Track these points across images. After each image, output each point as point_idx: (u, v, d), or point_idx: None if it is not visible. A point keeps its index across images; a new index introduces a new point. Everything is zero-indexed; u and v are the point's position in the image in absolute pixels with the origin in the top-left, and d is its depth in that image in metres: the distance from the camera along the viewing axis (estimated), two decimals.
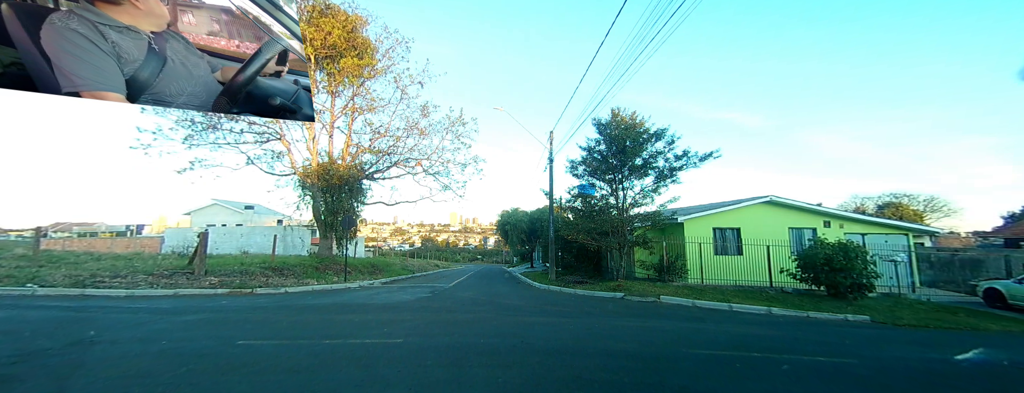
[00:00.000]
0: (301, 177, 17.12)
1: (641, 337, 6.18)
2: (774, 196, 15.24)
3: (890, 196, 36.26)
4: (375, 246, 64.52)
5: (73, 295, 8.73)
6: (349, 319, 7.06)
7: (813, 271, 11.29)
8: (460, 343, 5.27)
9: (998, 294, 11.71)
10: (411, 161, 19.09)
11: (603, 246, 14.18)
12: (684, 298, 10.47)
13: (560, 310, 8.82)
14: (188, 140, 15.29)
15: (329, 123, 17.52)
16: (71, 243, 31.19)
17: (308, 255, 22.13)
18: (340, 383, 3.62)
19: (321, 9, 15.82)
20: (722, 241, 15.07)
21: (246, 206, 43.37)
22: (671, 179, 13.51)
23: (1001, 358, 5.91)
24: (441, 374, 3.93)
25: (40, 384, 3.50)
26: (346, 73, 16.23)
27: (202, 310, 7.51)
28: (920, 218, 31.76)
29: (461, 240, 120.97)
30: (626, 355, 4.94)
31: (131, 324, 6.01)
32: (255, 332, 5.82)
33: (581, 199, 15.14)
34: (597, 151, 14.41)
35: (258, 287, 10.91)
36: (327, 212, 17.20)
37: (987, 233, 33.78)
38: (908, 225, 16.24)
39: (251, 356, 4.45)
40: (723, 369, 4.52)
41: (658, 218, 13.56)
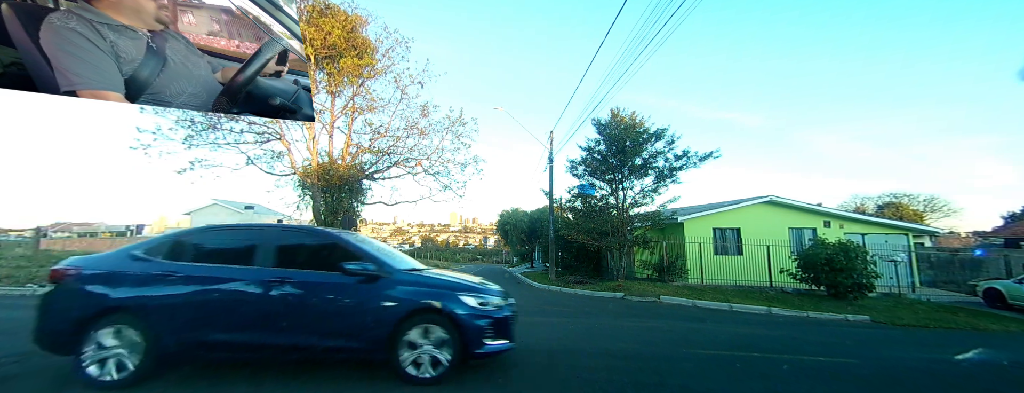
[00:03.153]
0: (301, 177, 17.11)
1: (641, 337, 6.18)
2: (774, 196, 15.24)
3: (890, 196, 36.25)
4: None
5: None
6: None
7: (813, 271, 11.29)
8: None
9: (998, 294, 11.71)
10: (411, 161, 19.07)
11: (603, 246, 14.18)
12: (684, 298, 10.47)
13: (560, 310, 8.82)
14: (188, 140, 15.28)
15: (329, 123, 17.51)
16: (71, 243, 31.19)
17: None
18: (340, 382, 3.62)
19: (321, 9, 15.81)
20: (722, 241, 15.07)
21: (246, 206, 43.36)
22: (671, 179, 13.51)
23: (1001, 358, 5.91)
24: None
25: (40, 384, 3.50)
26: (346, 73, 16.22)
27: None
28: (920, 218, 31.74)
29: (461, 240, 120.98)
30: (626, 355, 4.94)
31: None
32: None
33: (581, 199, 15.13)
34: (597, 151, 14.40)
35: None
36: (327, 212, 17.19)
37: (987, 233, 33.76)
38: (908, 225, 16.24)
39: None
40: (723, 369, 4.52)
41: (658, 218, 13.55)
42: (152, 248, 3.84)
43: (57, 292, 3.60)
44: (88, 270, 3.65)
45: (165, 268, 3.66)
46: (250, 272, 3.67)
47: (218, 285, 3.61)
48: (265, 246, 3.85)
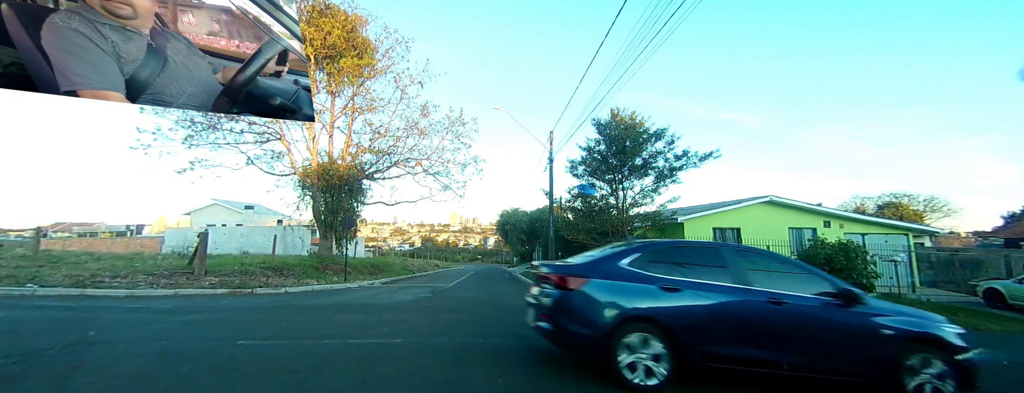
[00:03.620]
0: (301, 177, 17.12)
1: None
2: (774, 196, 15.24)
3: (890, 196, 36.25)
4: (375, 246, 64.54)
5: (73, 295, 8.72)
6: (349, 319, 7.05)
7: None
8: (461, 343, 5.28)
9: (998, 294, 11.72)
10: (411, 161, 19.09)
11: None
12: None
13: None
14: (188, 140, 15.28)
15: (329, 123, 17.53)
16: (71, 243, 31.21)
17: (308, 255, 22.13)
18: (340, 383, 3.62)
19: (321, 9, 15.81)
20: (722, 241, 15.07)
21: (246, 206, 43.36)
22: (671, 179, 13.53)
23: (1001, 358, 5.91)
24: (441, 374, 3.93)
25: (40, 384, 3.50)
26: (346, 73, 16.23)
27: (202, 310, 7.51)
28: (920, 218, 31.73)
29: (461, 240, 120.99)
30: None
31: (131, 324, 6.01)
32: (255, 332, 5.82)
33: (581, 199, 15.15)
34: (597, 151, 14.42)
35: (258, 287, 10.91)
36: (327, 212, 17.20)
37: (987, 233, 33.81)
38: (908, 225, 16.25)
39: (251, 356, 4.44)
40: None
41: (658, 218, 13.57)
42: (635, 260, 3.94)
43: (576, 299, 3.74)
44: (594, 278, 3.79)
45: (671, 281, 3.77)
46: (755, 292, 3.77)
47: (724, 299, 3.71)
48: (735, 264, 3.96)
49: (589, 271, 3.89)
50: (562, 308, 3.77)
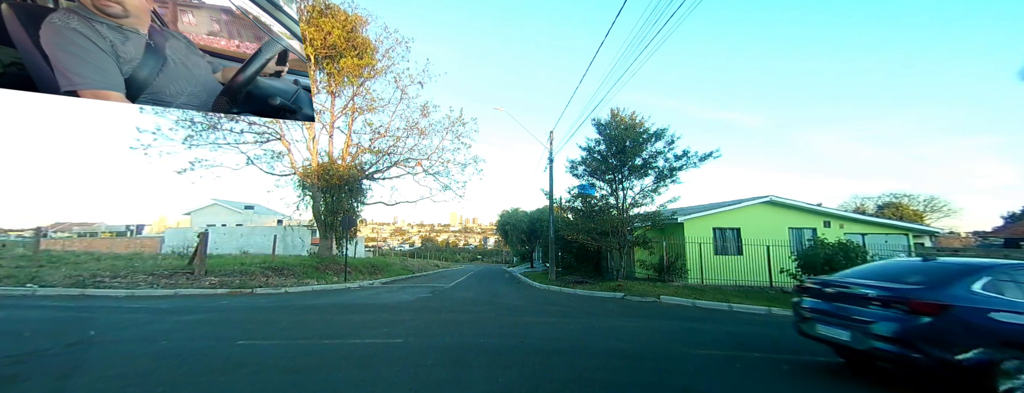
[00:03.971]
0: (301, 177, 17.12)
1: (641, 337, 6.18)
2: (774, 196, 15.24)
3: (890, 196, 36.25)
4: (375, 246, 64.54)
5: (73, 295, 8.73)
6: (349, 319, 7.06)
7: (813, 271, 11.28)
8: (460, 343, 5.28)
9: None
10: (411, 161, 19.09)
11: (603, 246, 14.18)
12: (684, 298, 10.46)
13: (560, 310, 8.82)
14: (188, 140, 15.29)
15: (329, 123, 17.53)
16: (71, 243, 31.20)
17: (308, 255, 22.13)
18: (340, 383, 3.62)
19: (321, 9, 15.81)
20: (722, 241, 15.06)
21: (246, 206, 43.37)
22: (671, 179, 13.51)
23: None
24: (441, 374, 3.93)
25: (40, 384, 3.50)
26: (346, 73, 16.23)
27: (202, 310, 7.51)
28: (920, 218, 31.74)
29: (461, 240, 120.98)
30: (626, 355, 4.94)
31: (131, 324, 6.02)
32: (255, 332, 5.82)
33: (581, 199, 15.14)
34: (597, 151, 14.40)
35: (258, 287, 10.91)
36: (327, 212, 17.20)
37: (987, 233, 33.77)
38: (908, 225, 16.25)
39: (251, 356, 4.45)
40: (723, 369, 4.52)
41: (658, 218, 13.56)
42: (987, 283, 3.86)
43: (943, 325, 3.64)
44: (957, 304, 3.71)
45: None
46: None
47: None
48: None
49: (947, 297, 3.79)
50: (926, 334, 3.67)
